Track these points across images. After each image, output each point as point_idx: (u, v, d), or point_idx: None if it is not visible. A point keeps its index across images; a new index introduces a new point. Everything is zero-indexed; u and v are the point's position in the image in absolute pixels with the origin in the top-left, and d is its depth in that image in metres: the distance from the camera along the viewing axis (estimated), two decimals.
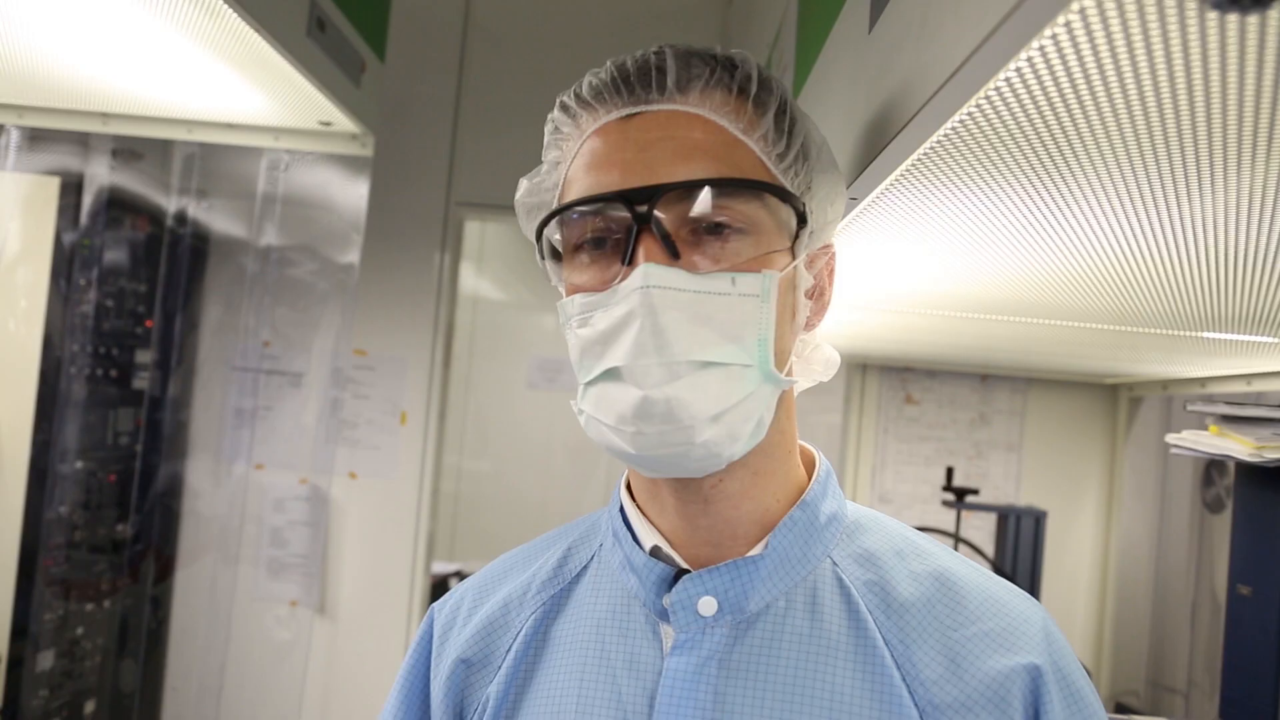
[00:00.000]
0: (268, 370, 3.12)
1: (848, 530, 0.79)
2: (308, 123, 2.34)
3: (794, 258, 0.75)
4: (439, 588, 3.61)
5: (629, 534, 0.81)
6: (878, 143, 0.80)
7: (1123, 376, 3.05)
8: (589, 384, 0.74)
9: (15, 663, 2.54)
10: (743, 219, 0.71)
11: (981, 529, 3.12)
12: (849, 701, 0.70)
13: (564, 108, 0.78)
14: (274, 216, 2.90)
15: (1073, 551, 3.30)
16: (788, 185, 0.74)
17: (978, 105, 0.63)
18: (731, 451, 0.71)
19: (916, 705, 0.70)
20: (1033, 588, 2.57)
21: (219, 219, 3.02)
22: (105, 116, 2.48)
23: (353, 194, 2.90)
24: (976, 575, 0.78)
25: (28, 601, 2.56)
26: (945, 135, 0.69)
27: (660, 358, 0.68)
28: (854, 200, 0.94)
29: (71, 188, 2.64)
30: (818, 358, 0.83)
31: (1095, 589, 3.30)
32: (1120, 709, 3.01)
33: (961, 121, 0.67)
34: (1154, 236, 0.90)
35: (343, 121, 2.28)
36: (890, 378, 3.38)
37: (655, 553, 0.79)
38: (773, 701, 0.71)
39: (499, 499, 5.22)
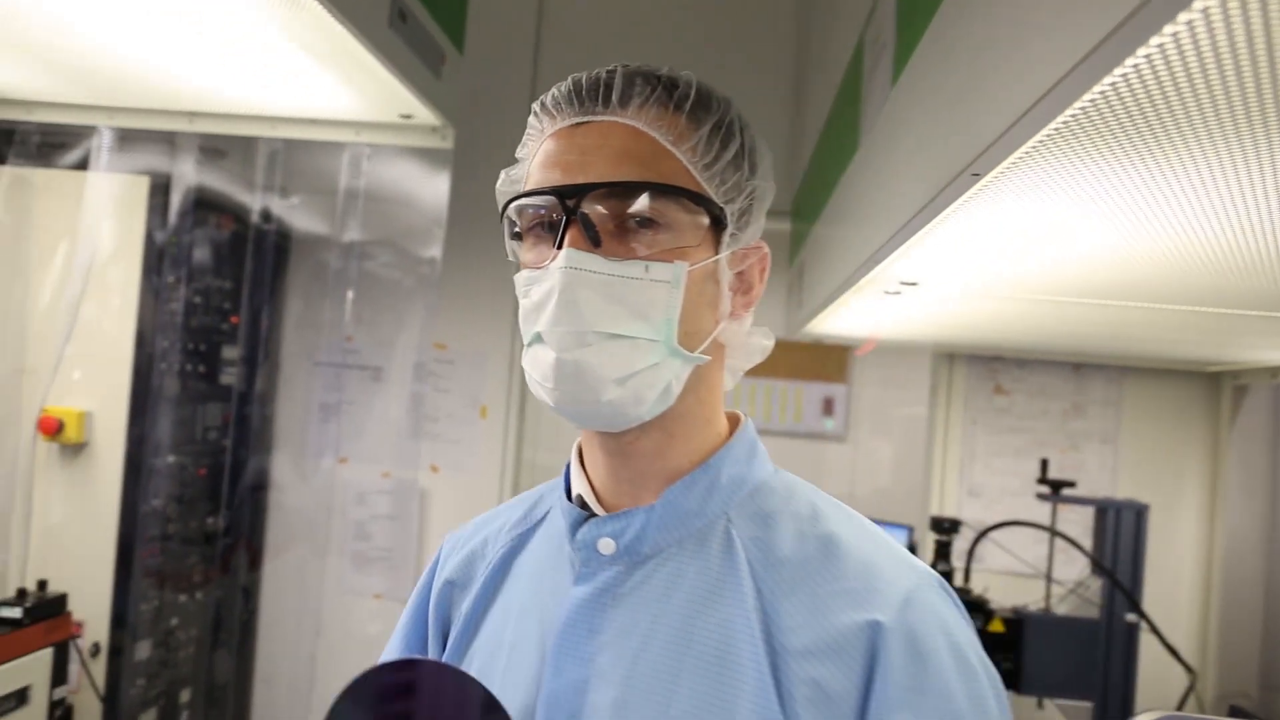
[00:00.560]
0: (350, 365, 3.14)
1: (754, 492, 0.90)
2: (388, 116, 2.33)
3: (716, 253, 0.86)
4: None
5: (566, 484, 0.96)
6: (1008, 111, 0.75)
7: (1226, 364, 2.92)
8: (526, 346, 0.88)
9: (115, 651, 2.60)
10: (660, 216, 0.82)
11: (1077, 523, 3.02)
12: (703, 636, 0.81)
13: (534, 112, 0.91)
14: (355, 212, 2.92)
15: (1175, 547, 3.17)
16: (710, 191, 0.85)
17: (1134, 66, 0.58)
18: (638, 412, 0.84)
19: (771, 648, 0.79)
20: (1134, 584, 2.47)
21: (301, 215, 3.05)
22: (191, 115, 2.51)
23: (433, 188, 2.90)
24: (864, 542, 0.85)
25: (126, 592, 2.62)
26: (1092, 100, 0.64)
27: (571, 326, 0.81)
28: (976, 176, 0.89)
29: (160, 187, 2.69)
30: (752, 343, 0.93)
31: (1199, 586, 3.17)
32: (1233, 711, 2.88)
33: (1113, 85, 0.61)
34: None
35: (423, 114, 2.27)
36: (978, 367, 3.28)
37: (580, 501, 0.92)
38: (644, 628, 0.83)
39: None
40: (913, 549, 4.51)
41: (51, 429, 2.54)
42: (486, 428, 3.08)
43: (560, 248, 0.82)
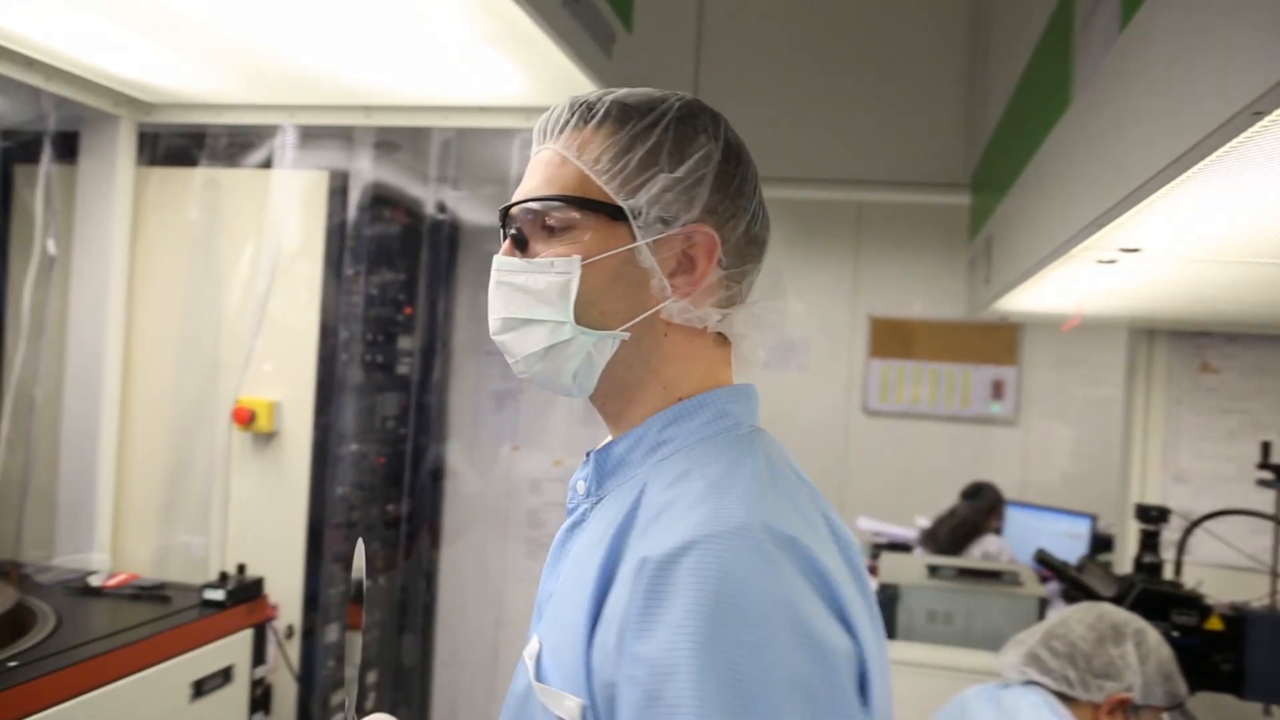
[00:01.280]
0: None
1: (683, 453, 0.96)
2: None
3: (630, 242, 0.96)
4: None
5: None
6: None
7: None
8: None
9: (307, 633, 2.69)
10: (560, 221, 0.97)
11: None
12: (590, 563, 0.90)
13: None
14: None
15: None
16: (611, 192, 0.96)
17: None
18: (565, 381, 0.99)
19: (605, 579, 0.87)
20: None
21: (470, 206, 3.08)
22: (368, 110, 2.55)
23: None
24: (703, 495, 0.87)
25: (316, 576, 2.70)
26: None
27: (495, 315, 1.00)
28: (1257, 115, 0.77)
29: (339, 182, 2.75)
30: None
31: None
32: None
33: None
34: None
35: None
36: (1182, 344, 3.04)
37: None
38: (577, 552, 0.98)
39: None
40: (1099, 539, 4.25)
41: (245, 419, 2.64)
42: None
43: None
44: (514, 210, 1.01)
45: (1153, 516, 2.45)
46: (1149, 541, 2.45)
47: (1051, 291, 2.14)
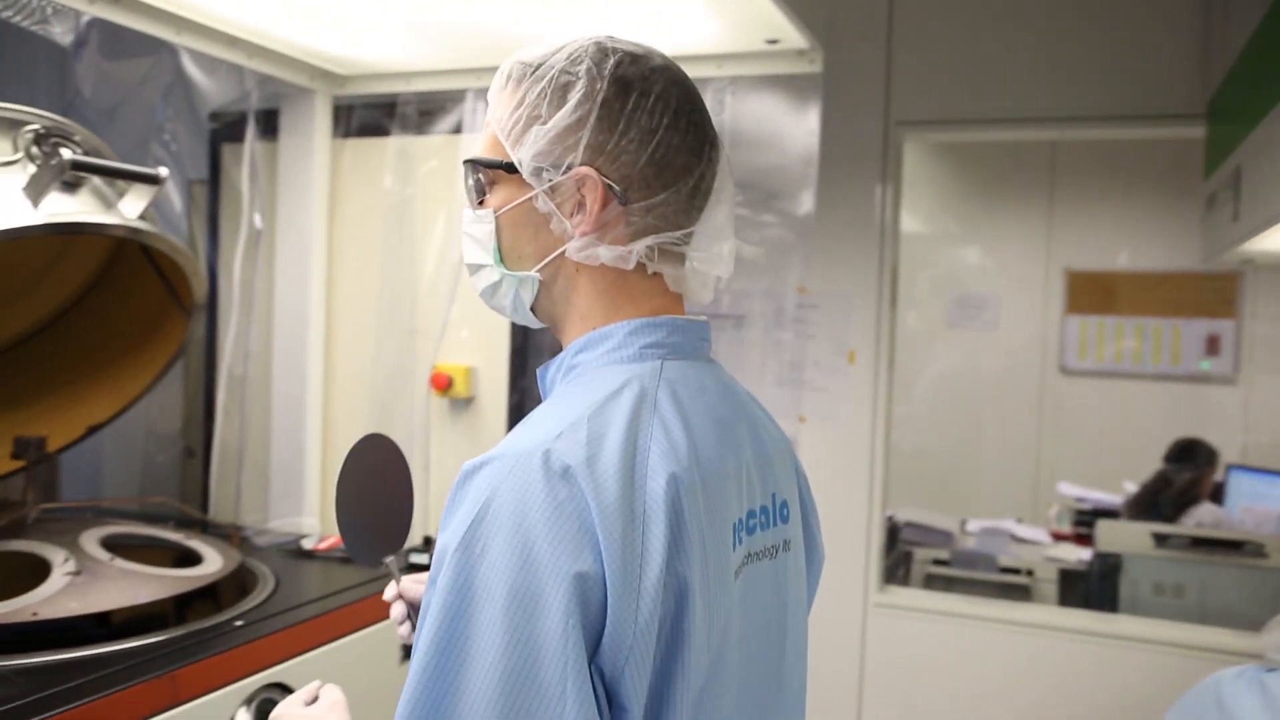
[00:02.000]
0: (710, 314, 3.08)
1: (576, 383, 1.04)
2: (754, 43, 2.21)
3: (532, 191, 1.04)
4: (893, 536, 3.44)
5: None
6: None
7: None
8: None
9: None
10: (482, 179, 1.08)
11: None
12: None
13: None
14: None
15: None
16: (509, 147, 1.04)
17: None
18: (514, 315, 1.12)
19: None
20: None
21: None
22: None
23: (796, 125, 2.75)
24: (529, 421, 1.00)
25: None
26: None
27: (465, 262, 1.13)
28: None
29: None
30: (608, 255, 1.04)
31: None
32: None
33: None
34: None
35: (791, 36, 2.13)
36: None
37: None
38: None
39: (922, 445, 4.92)
40: None
41: (443, 385, 2.66)
42: (855, 374, 2.91)
43: None
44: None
45: None
46: None
47: None
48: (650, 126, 1.02)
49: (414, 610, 1.26)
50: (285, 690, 1.71)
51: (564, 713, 0.83)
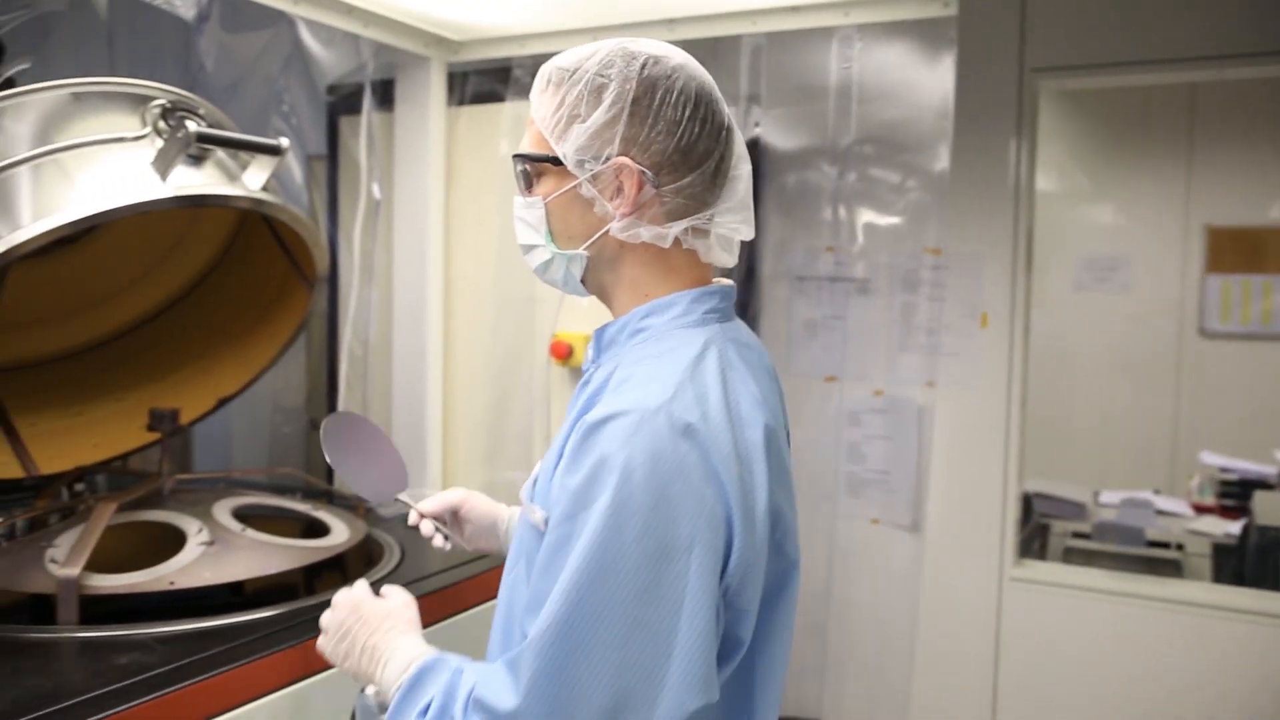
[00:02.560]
0: (834, 278, 2.97)
1: (649, 338, 1.21)
2: None
3: (576, 180, 1.20)
4: (1028, 507, 3.29)
5: None
6: None
7: None
8: None
9: None
10: (531, 170, 1.24)
11: None
12: (567, 421, 1.21)
13: None
14: (843, 112, 2.70)
15: None
16: (553, 144, 1.20)
17: None
18: (565, 287, 1.28)
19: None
20: None
21: (778, 126, 2.90)
22: (670, 22, 2.43)
23: (927, 76, 2.61)
24: (641, 380, 1.13)
25: None
26: None
27: (518, 241, 1.29)
28: None
29: None
30: (648, 234, 1.21)
31: None
32: None
33: None
34: None
35: None
36: None
37: None
38: (576, 406, 1.23)
39: (1049, 413, 4.69)
40: None
41: (562, 353, 2.63)
42: (988, 338, 2.77)
43: None
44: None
45: None
46: None
47: None
48: (675, 118, 1.17)
49: (440, 523, 1.58)
50: None
51: (683, 625, 1.04)
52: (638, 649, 1.03)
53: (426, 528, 1.56)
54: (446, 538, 1.57)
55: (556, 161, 1.21)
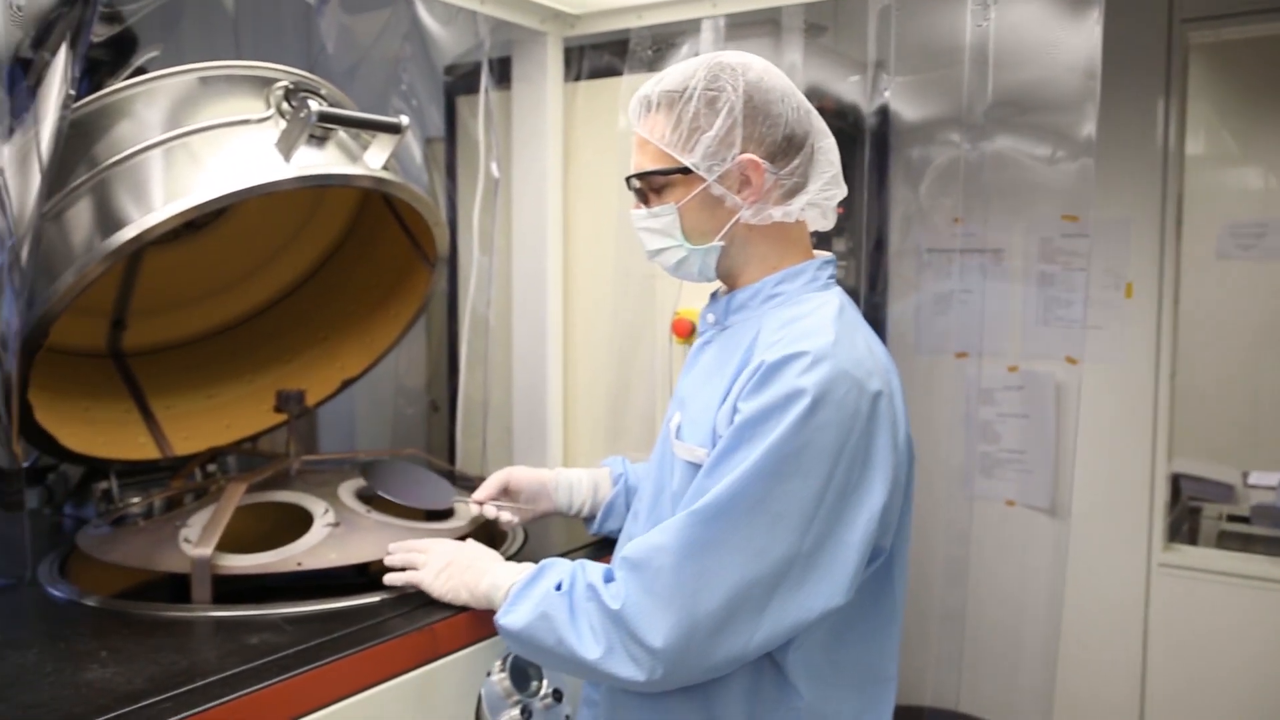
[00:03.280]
0: (965, 249, 2.83)
1: (787, 301, 1.45)
2: None
3: (705, 183, 1.42)
4: (1176, 489, 3.10)
5: None
6: None
7: None
8: None
9: None
10: (657, 184, 1.45)
11: None
12: (723, 367, 1.43)
13: None
14: (982, 76, 2.54)
15: None
16: (677, 156, 1.41)
17: None
18: (699, 278, 1.50)
19: (736, 378, 1.38)
20: None
21: (906, 91, 2.77)
22: None
23: (1066, 32, 2.45)
24: (814, 321, 1.36)
25: None
26: None
27: (645, 249, 1.52)
28: None
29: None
30: (779, 213, 1.45)
31: None
32: None
33: None
34: None
35: None
36: None
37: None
38: (707, 360, 1.50)
39: (1191, 389, 4.41)
40: None
41: (685, 332, 2.56)
42: (1133, 309, 2.60)
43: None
44: (631, 179, 1.49)
45: None
46: None
47: None
48: (777, 113, 1.39)
49: (496, 503, 1.77)
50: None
51: (843, 530, 1.27)
52: (782, 538, 1.24)
53: (490, 510, 1.76)
54: (508, 510, 1.78)
55: (684, 170, 1.42)
